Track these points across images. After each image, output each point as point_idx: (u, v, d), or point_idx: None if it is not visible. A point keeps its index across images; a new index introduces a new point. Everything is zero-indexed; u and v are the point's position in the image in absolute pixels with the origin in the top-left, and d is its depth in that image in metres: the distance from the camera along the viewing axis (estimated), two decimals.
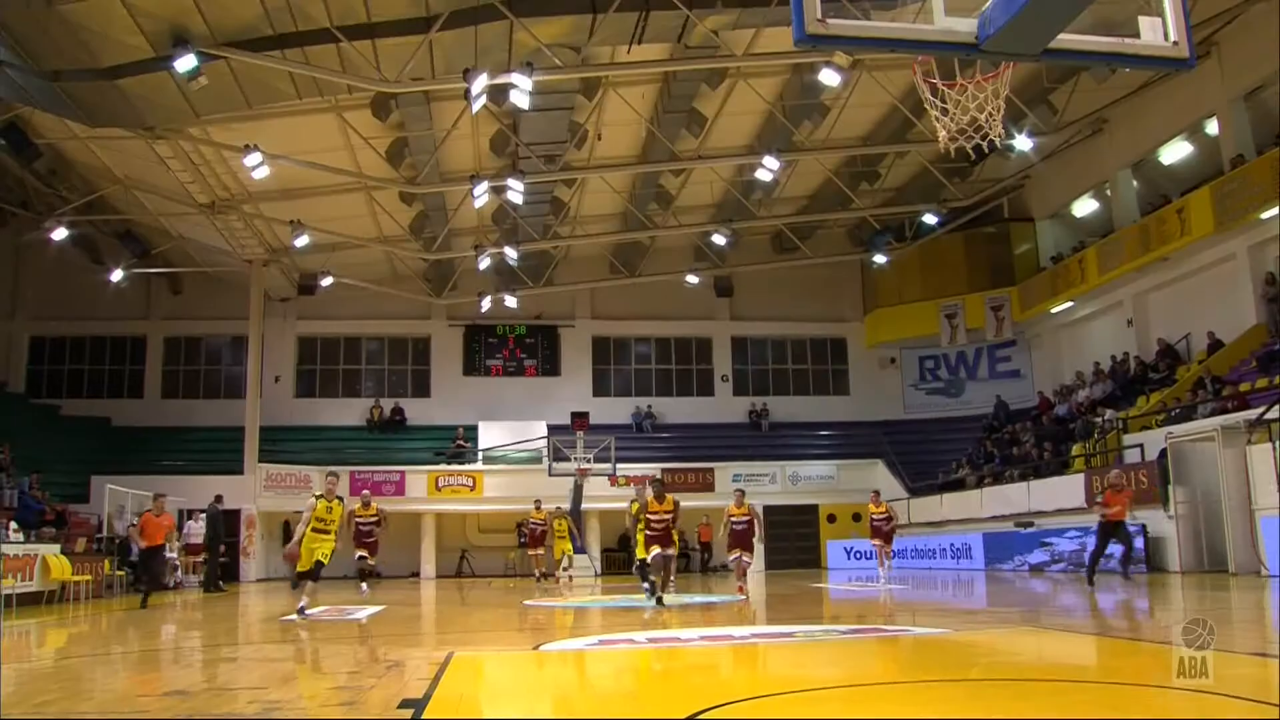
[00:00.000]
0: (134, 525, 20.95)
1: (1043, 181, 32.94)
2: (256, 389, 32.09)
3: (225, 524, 25.33)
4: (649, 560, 15.35)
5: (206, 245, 30.85)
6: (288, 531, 33.58)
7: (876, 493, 23.64)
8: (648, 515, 15.27)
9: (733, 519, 16.67)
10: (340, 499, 14.10)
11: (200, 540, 25.18)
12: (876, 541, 21.84)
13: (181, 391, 36.29)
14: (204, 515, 24.90)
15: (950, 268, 35.93)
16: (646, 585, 15.64)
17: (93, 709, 6.47)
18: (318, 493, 14.37)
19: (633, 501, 20.96)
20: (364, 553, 18.44)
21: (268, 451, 31.88)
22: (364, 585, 18.69)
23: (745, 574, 16.69)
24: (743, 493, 17.47)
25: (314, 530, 13.56)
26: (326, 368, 37.66)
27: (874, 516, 21.86)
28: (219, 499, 24.87)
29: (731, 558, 16.88)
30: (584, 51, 22.01)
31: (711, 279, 37.21)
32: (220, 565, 24.77)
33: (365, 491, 23.79)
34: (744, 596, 16.19)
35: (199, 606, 18.84)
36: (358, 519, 18.17)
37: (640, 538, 15.95)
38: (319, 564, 13.59)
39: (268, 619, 15.29)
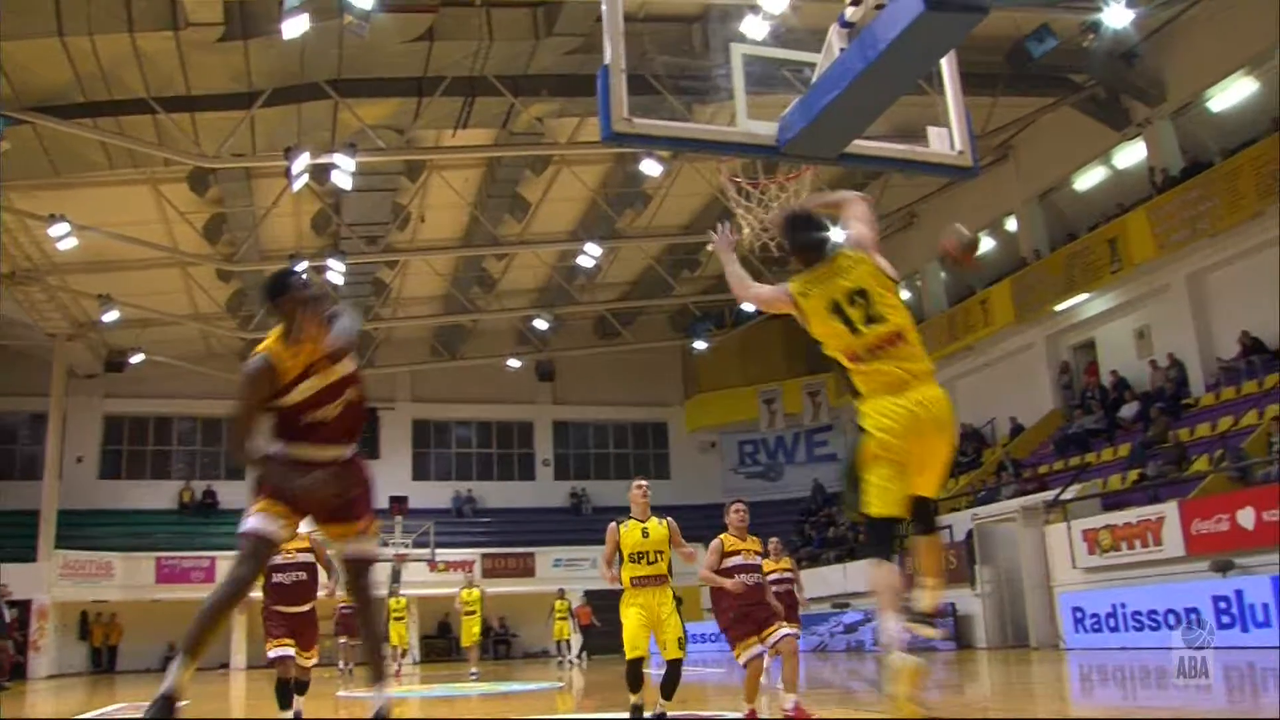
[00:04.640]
0: None
1: None
2: (56, 470, 30.41)
3: (17, 616, 23.78)
4: (743, 663, 8.54)
5: (3, 317, 29.30)
6: (85, 622, 31.82)
7: (776, 542, 11.40)
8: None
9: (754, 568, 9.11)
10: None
11: None
12: (779, 630, 8.94)
13: None
14: None
15: (769, 354, 36.74)
16: None
17: None
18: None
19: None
20: (288, 644, 8.63)
21: (67, 537, 30.03)
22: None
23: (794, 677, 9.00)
24: (771, 543, 10.68)
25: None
26: (134, 448, 35.95)
27: (771, 578, 10.18)
28: (3, 588, 23.28)
29: (772, 638, 8.72)
30: (408, 134, 22.03)
31: (533, 363, 37.16)
32: (6, 660, 23.17)
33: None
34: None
35: None
36: (276, 562, 8.40)
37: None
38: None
39: None
